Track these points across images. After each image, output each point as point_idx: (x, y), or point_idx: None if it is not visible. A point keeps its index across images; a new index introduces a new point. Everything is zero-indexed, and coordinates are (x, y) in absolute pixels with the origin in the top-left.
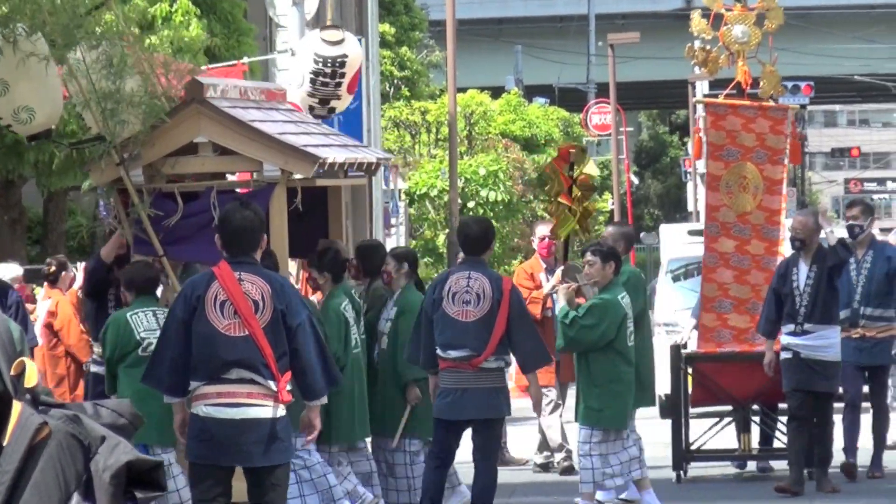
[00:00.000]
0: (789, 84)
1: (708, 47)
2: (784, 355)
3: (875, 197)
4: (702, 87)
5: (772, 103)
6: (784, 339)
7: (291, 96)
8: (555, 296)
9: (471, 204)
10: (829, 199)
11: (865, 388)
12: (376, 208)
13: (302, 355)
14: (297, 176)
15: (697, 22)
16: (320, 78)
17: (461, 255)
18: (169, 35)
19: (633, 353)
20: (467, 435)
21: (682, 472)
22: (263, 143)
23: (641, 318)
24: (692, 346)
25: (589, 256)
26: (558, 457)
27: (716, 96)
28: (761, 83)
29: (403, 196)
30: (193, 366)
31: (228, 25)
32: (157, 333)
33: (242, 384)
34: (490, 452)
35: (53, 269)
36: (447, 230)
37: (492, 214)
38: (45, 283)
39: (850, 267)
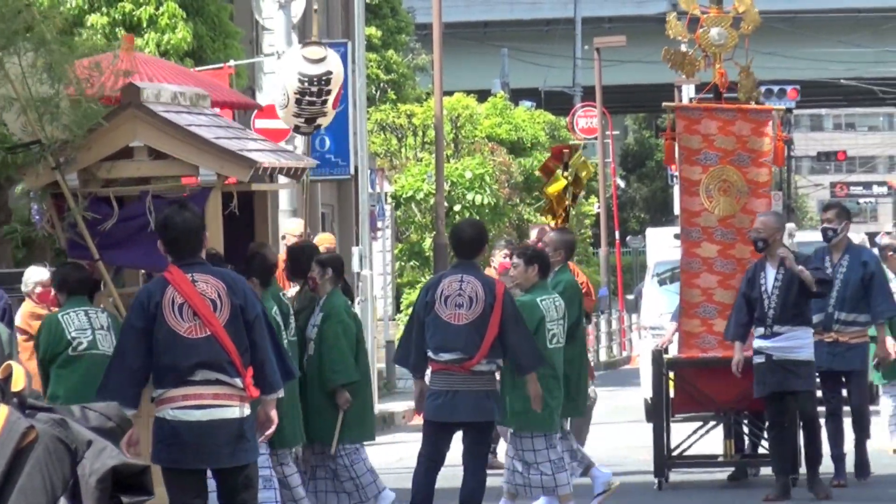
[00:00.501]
0: (775, 88)
1: (686, 49)
2: (756, 360)
3: (861, 201)
4: (688, 91)
5: (752, 105)
6: (756, 343)
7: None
8: None
9: (457, 207)
10: (816, 202)
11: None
12: (362, 212)
13: (259, 348)
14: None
15: (673, 24)
16: (306, 97)
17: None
18: (155, 38)
19: (559, 355)
20: (457, 438)
21: (664, 479)
22: (200, 148)
23: (576, 329)
24: (673, 351)
25: (514, 259)
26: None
27: (691, 101)
28: (739, 86)
29: (389, 199)
30: (157, 373)
31: (215, 28)
32: (89, 333)
33: (208, 385)
34: (479, 456)
35: None
36: (433, 233)
37: (478, 218)
38: None
39: (825, 270)
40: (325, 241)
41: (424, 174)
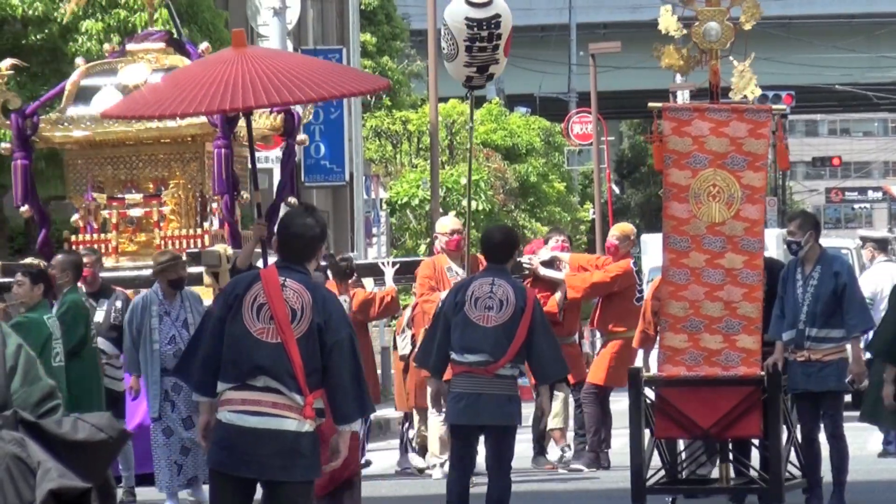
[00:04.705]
0: (770, 93)
1: (679, 46)
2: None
3: (856, 206)
4: (683, 97)
5: (749, 105)
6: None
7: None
8: None
9: (452, 213)
10: (811, 208)
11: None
12: (357, 218)
13: (333, 375)
14: None
15: (666, 19)
16: (477, 44)
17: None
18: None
19: (62, 373)
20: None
21: None
22: None
23: (82, 347)
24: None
25: (19, 276)
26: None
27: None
28: (733, 83)
29: (384, 206)
30: (223, 366)
31: (209, 35)
32: None
33: (268, 393)
34: (504, 461)
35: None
36: (428, 240)
37: (472, 224)
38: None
39: (797, 283)
40: (454, 223)
41: (419, 180)
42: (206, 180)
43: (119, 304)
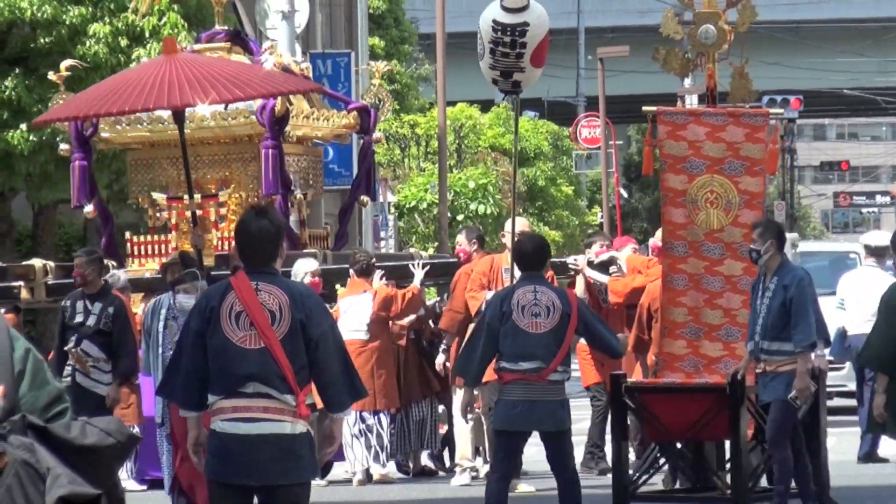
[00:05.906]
0: (779, 97)
1: (678, 48)
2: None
3: (864, 210)
4: (690, 101)
5: (746, 109)
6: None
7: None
8: None
9: (460, 217)
10: (819, 212)
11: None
12: (365, 221)
13: (323, 369)
14: None
15: (668, 21)
16: (500, 48)
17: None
18: (157, 48)
19: None
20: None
21: None
22: None
23: None
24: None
25: None
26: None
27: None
28: (730, 87)
29: (393, 209)
30: (210, 380)
31: None
32: None
33: (259, 398)
34: (568, 461)
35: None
36: (436, 244)
37: (480, 228)
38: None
39: (758, 294)
40: (528, 224)
41: (427, 184)
42: None
43: (111, 310)
